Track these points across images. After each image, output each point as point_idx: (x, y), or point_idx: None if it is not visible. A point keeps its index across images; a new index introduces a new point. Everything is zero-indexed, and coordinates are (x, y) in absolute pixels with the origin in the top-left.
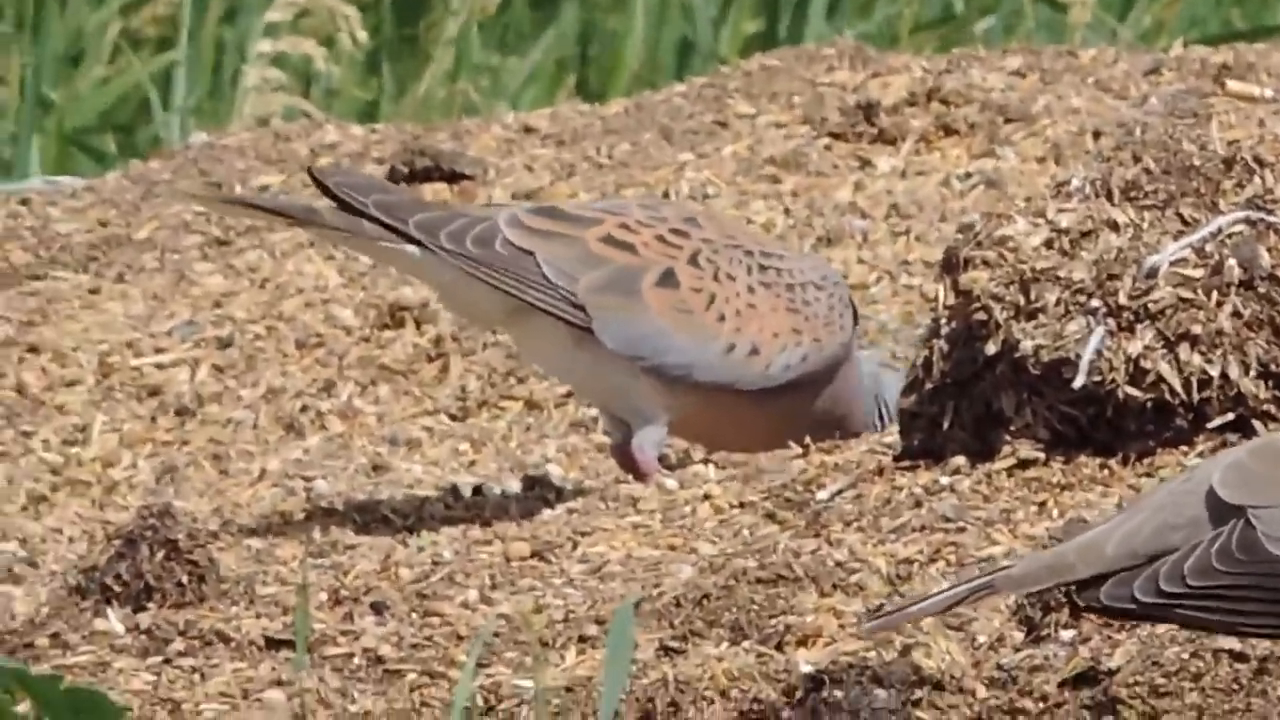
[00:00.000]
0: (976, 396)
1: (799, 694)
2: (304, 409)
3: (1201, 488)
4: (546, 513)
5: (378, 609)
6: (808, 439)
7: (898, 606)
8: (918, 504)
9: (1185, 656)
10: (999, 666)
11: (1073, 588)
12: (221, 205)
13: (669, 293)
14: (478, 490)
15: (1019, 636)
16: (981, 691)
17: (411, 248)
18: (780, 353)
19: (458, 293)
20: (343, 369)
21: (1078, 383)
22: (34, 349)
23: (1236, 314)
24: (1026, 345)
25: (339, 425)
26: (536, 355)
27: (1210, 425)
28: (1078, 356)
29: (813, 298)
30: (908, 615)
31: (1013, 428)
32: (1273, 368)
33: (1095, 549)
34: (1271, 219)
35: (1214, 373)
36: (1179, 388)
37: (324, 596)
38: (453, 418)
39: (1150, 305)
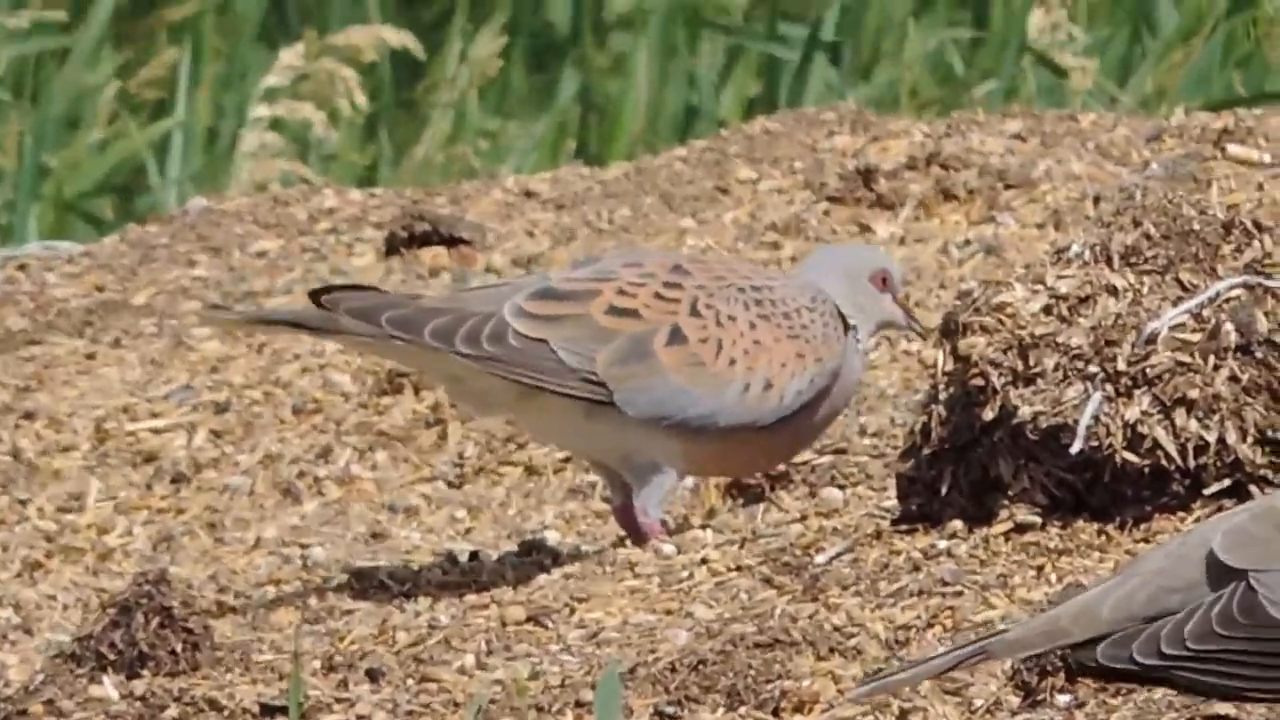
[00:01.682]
0: (974, 461)
1: None
2: (301, 475)
3: (1198, 551)
4: (543, 578)
5: (373, 675)
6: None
7: (892, 671)
8: (915, 568)
9: None
10: None
11: (1068, 651)
12: (241, 324)
13: (679, 349)
14: (474, 556)
15: (1015, 701)
16: None
17: (429, 352)
18: (790, 381)
19: (472, 385)
20: (340, 435)
21: (1075, 448)
22: (30, 414)
23: (1234, 379)
24: (1024, 411)
25: (336, 492)
26: (547, 433)
27: (1207, 491)
28: (1075, 422)
29: (809, 320)
30: (902, 680)
31: (1010, 493)
32: (1270, 433)
33: (1090, 613)
34: (1270, 284)
35: (1211, 438)
36: (1175, 453)
37: (319, 664)
38: (450, 484)
39: (1148, 370)
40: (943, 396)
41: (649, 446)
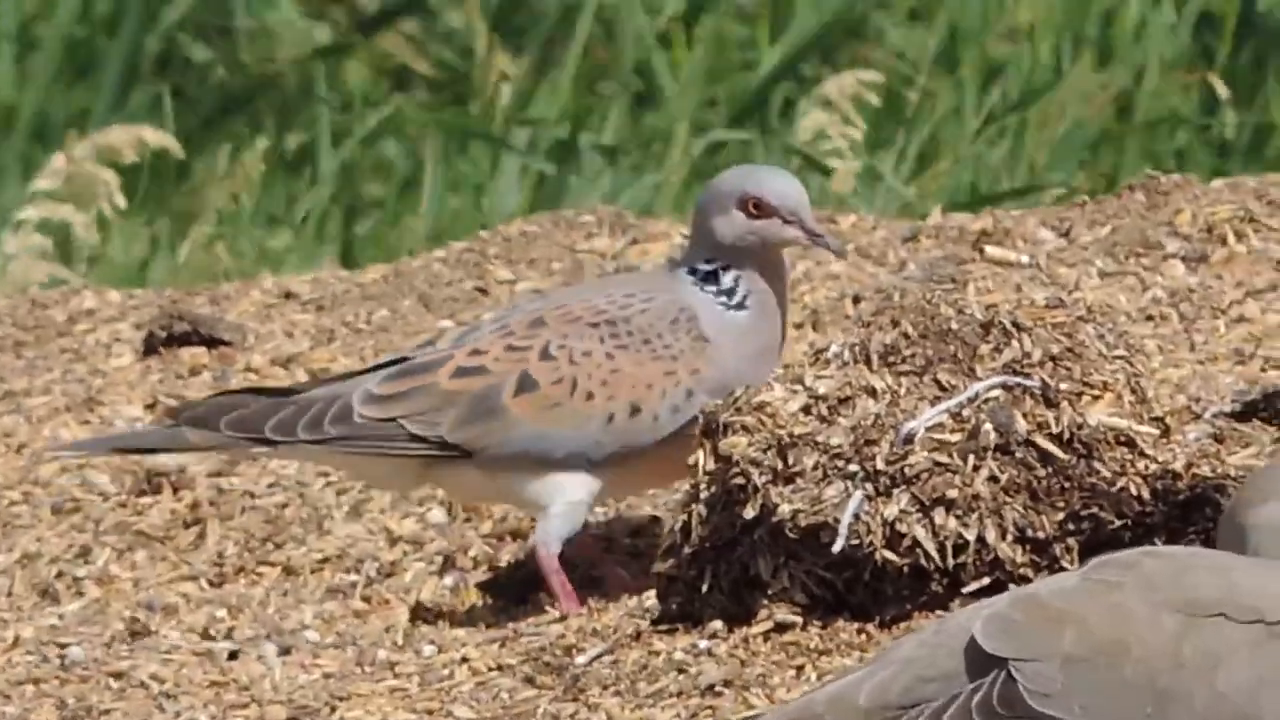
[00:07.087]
0: (735, 560)
1: None
2: (60, 575)
3: (953, 640)
4: (303, 677)
5: None
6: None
7: None
8: (675, 668)
9: None
10: None
11: None
12: (97, 452)
13: (531, 396)
14: (234, 655)
15: None
16: None
17: (293, 448)
18: (663, 400)
19: (363, 471)
20: (99, 534)
21: (836, 547)
22: None
23: (993, 478)
24: (784, 509)
25: (95, 591)
26: (460, 493)
27: (966, 590)
28: (835, 520)
29: (671, 339)
30: None
31: (770, 591)
32: (1029, 532)
33: (846, 700)
34: (1028, 384)
35: (970, 536)
36: (934, 552)
37: None
38: (210, 583)
39: (907, 470)
40: (703, 495)
41: (542, 489)
